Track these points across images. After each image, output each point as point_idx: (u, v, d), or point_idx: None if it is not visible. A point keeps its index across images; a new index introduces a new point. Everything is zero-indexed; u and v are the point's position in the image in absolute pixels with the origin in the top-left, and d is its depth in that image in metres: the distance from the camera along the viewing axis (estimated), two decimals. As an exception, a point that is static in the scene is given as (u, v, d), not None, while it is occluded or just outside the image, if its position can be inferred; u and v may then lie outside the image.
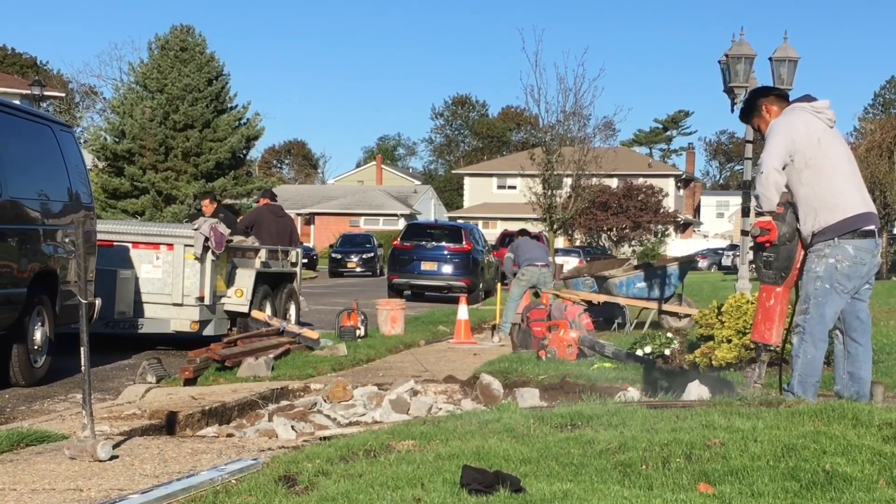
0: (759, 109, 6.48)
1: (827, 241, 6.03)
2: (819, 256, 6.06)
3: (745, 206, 17.03)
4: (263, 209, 15.50)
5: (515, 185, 66.77)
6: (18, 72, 60.39)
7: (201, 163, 40.59)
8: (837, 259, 6.01)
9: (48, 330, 9.86)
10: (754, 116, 6.53)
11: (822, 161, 6.07)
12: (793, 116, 6.20)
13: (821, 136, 6.12)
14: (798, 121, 6.15)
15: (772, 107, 6.42)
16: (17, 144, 9.60)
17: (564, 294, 16.14)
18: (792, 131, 6.10)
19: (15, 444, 5.82)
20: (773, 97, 6.52)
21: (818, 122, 6.17)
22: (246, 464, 5.02)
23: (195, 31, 42.37)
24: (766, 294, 6.34)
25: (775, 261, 6.21)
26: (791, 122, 6.16)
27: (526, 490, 4.10)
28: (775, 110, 6.38)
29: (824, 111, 6.23)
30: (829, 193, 6.05)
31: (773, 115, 6.37)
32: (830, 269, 6.02)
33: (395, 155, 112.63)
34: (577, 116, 30.29)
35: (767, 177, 6.05)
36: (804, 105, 6.25)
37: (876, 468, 4.31)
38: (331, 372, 10.05)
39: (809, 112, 6.20)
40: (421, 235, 27.01)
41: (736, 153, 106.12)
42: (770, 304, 6.31)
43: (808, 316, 6.09)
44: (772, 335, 6.33)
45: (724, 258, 60.33)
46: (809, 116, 6.18)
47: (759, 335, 6.38)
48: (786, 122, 6.18)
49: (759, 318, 6.40)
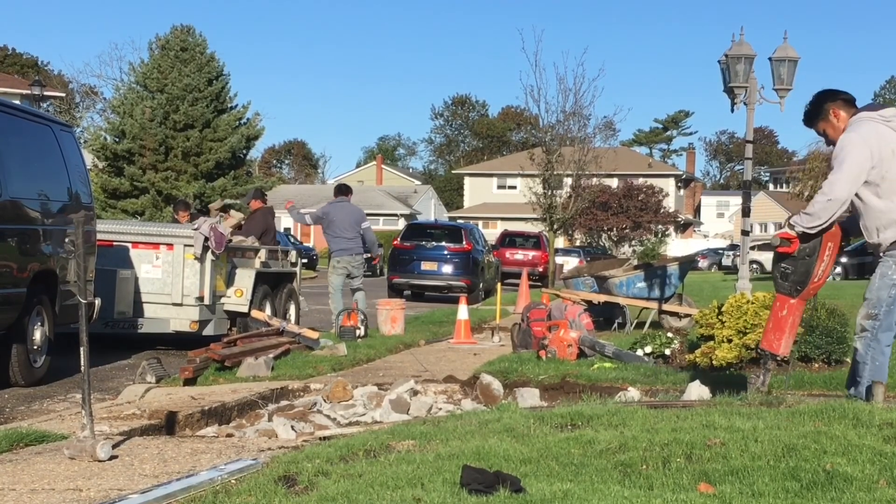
0: (827, 114, 6.24)
1: None
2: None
3: (746, 206, 17.03)
4: (267, 213, 15.43)
5: (515, 185, 66.78)
6: (19, 72, 60.39)
7: (201, 163, 40.57)
8: None
9: (48, 330, 9.85)
10: (820, 121, 6.28)
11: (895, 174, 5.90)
12: (864, 131, 5.98)
13: (894, 148, 5.93)
14: (871, 136, 5.93)
15: (840, 112, 6.20)
16: (17, 144, 9.60)
17: (564, 294, 16.13)
18: (865, 150, 5.88)
19: (14, 444, 5.82)
20: (842, 101, 6.26)
21: (890, 131, 5.98)
22: (246, 464, 5.02)
23: (195, 32, 42.35)
24: (779, 304, 6.29)
25: (792, 273, 6.15)
26: (863, 139, 5.94)
27: (526, 490, 4.09)
28: (843, 116, 6.17)
29: (893, 119, 6.04)
30: None
31: (840, 121, 6.16)
32: None
33: (395, 155, 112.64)
34: (577, 116, 30.24)
35: (835, 205, 5.89)
36: (873, 115, 6.06)
37: (876, 468, 4.30)
38: (331, 372, 10.04)
39: (880, 123, 6.01)
40: (421, 235, 27.01)
41: (736, 153, 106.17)
42: (783, 314, 6.27)
43: (877, 322, 5.91)
44: (780, 345, 6.30)
45: (724, 258, 60.31)
46: (882, 128, 5.98)
47: (768, 344, 6.35)
48: (858, 140, 5.94)
49: (770, 327, 6.36)
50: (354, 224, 14.46)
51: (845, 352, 9.77)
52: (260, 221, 15.13)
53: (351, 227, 14.43)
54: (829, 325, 9.54)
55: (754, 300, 10.01)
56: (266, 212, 15.44)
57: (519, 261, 35.88)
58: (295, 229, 54.87)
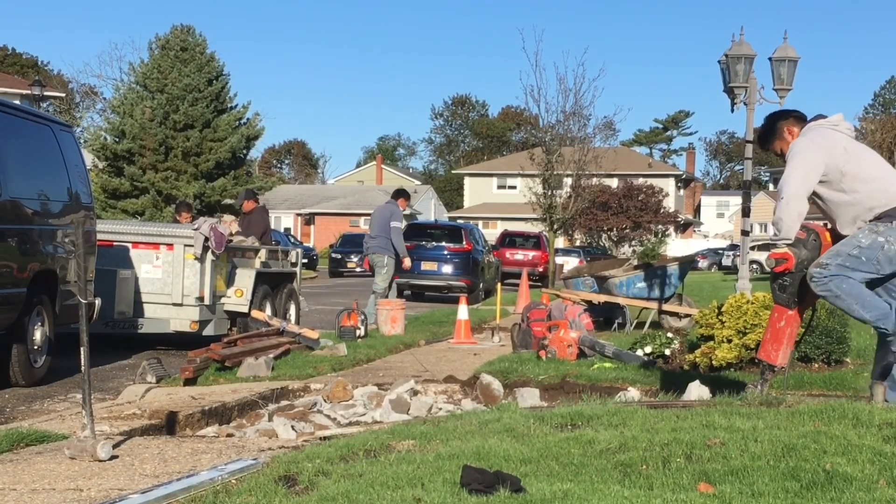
0: (782, 132, 6.30)
1: (886, 222, 5.86)
2: (872, 231, 5.88)
3: (746, 207, 17.04)
4: (262, 211, 15.51)
5: (515, 185, 66.77)
6: (18, 72, 60.39)
7: (201, 163, 40.61)
8: (888, 239, 5.83)
9: (48, 330, 9.85)
10: (776, 140, 6.33)
11: (856, 165, 5.95)
12: (811, 135, 6.07)
13: (845, 145, 6.01)
14: (818, 138, 6.02)
15: (793, 128, 6.25)
16: (17, 144, 9.60)
17: (564, 294, 16.13)
18: (814, 150, 5.95)
19: (15, 443, 5.82)
20: (794, 119, 6.33)
21: (838, 133, 6.06)
22: (246, 464, 5.02)
23: (195, 31, 42.42)
24: (777, 314, 6.29)
25: (790, 285, 6.14)
26: (810, 140, 6.02)
27: (526, 490, 4.10)
28: (796, 131, 6.22)
29: (840, 123, 6.13)
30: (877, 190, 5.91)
31: (794, 137, 6.20)
32: (876, 246, 5.83)
33: (395, 155, 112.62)
34: (577, 116, 30.27)
35: (788, 203, 5.90)
36: (821, 122, 6.14)
37: (876, 468, 4.30)
38: (331, 372, 10.04)
39: (827, 128, 6.09)
40: (421, 235, 26.99)
41: (736, 153, 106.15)
42: (780, 325, 6.26)
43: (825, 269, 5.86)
44: (778, 356, 6.29)
45: (724, 258, 60.33)
46: (827, 131, 6.07)
47: (766, 355, 6.35)
48: (806, 143, 6.03)
49: (768, 338, 6.35)
50: (381, 224, 15.33)
51: (845, 352, 9.78)
52: (260, 221, 15.24)
53: (377, 227, 15.41)
54: (829, 326, 9.55)
55: (754, 300, 10.02)
56: (262, 210, 15.56)
57: (519, 261, 35.88)
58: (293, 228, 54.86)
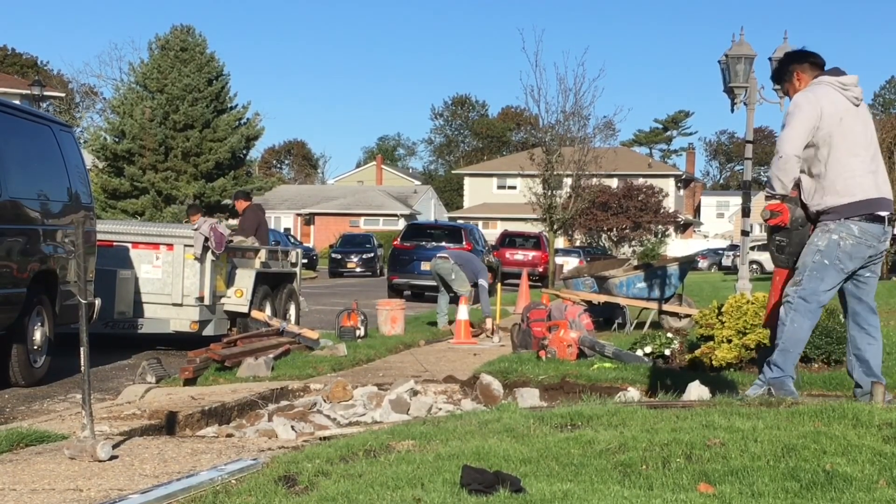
0: (791, 75, 6.25)
1: (834, 219, 5.92)
2: (823, 231, 5.94)
3: (746, 207, 17.04)
4: (256, 209, 15.51)
5: (515, 186, 66.75)
6: (18, 72, 60.36)
7: (201, 163, 40.61)
8: (841, 236, 5.89)
9: (48, 330, 9.86)
10: (785, 82, 6.32)
11: (839, 142, 5.90)
12: (818, 92, 5.98)
13: (843, 116, 5.93)
14: (823, 97, 5.94)
15: (803, 74, 6.19)
16: (17, 144, 9.60)
17: (564, 294, 16.13)
18: (815, 110, 5.89)
19: (15, 444, 5.81)
20: (808, 65, 6.23)
21: (843, 99, 5.97)
22: (246, 464, 5.02)
23: (195, 32, 42.42)
24: (779, 278, 6.26)
25: (788, 245, 6.12)
26: (816, 99, 5.94)
27: (526, 490, 4.09)
28: (805, 79, 6.16)
29: (851, 88, 6.02)
30: (841, 177, 5.90)
31: (802, 84, 6.15)
32: (832, 245, 5.90)
33: (394, 155, 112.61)
34: (577, 116, 30.27)
35: (787, 162, 5.89)
36: (831, 80, 6.03)
37: (876, 468, 4.30)
38: (331, 372, 10.04)
39: (836, 88, 5.99)
40: (421, 235, 27.01)
41: (736, 153, 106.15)
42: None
43: (800, 288, 5.97)
44: None
45: (724, 258, 60.34)
46: (835, 93, 5.97)
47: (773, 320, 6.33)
48: (810, 99, 5.95)
49: (773, 303, 6.31)
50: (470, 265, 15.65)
51: (845, 352, 9.77)
52: (252, 218, 15.27)
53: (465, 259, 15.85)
54: (829, 326, 9.55)
55: (754, 300, 10.02)
56: (255, 208, 15.56)
57: (519, 261, 35.87)
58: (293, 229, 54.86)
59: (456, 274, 15.20)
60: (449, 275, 15.23)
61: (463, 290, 15.06)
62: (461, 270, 15.24)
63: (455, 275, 15.19)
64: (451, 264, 15.31)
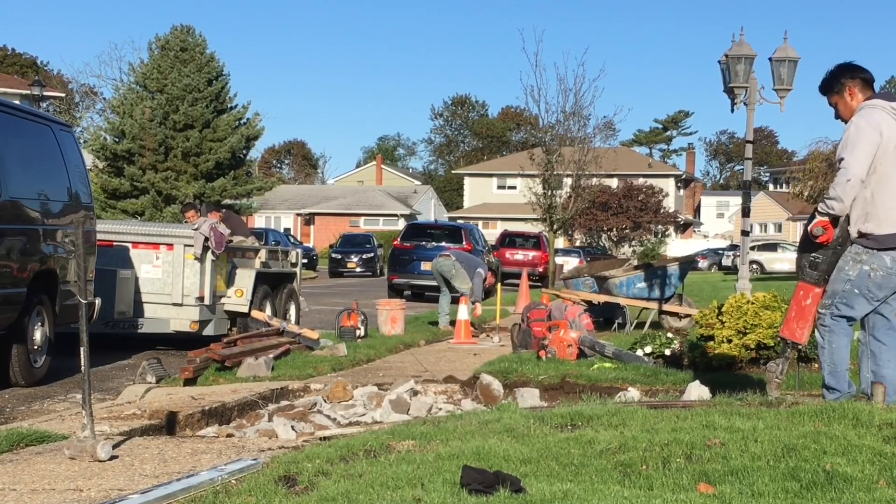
0: (843, 89, 6.27)
1: (867, 249, 5.97)
2: (855, 261, 6.00)
3: (746, 207, 17.03)
4: (233, 217, 15.40)
5: (515, 186, 66.72)
6: (18, 72, 60.34)
7: (201, 163, 40.57)
8: (872, 267, 5.95)
9: (48, 330, 9.86)
10: (835, 93, 6.32)
11: (889, 169, 5.97)
12: (877, 118, 6.05)
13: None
14: (882, 123, 6.01)
15: (855, 90, 6.23)
16: (17, 144, 9.60)
17: (564, 294, 16.14)
18: (876, 134, 5.96)
19: (15, 444, 5.82)
20: (861, 80, 6.28)
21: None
22: (246, 464, 5.02)
23: (195, 32, 42.34)
24: (803, 293, 6.28)
25: (822, 263, 6.16)
26: (877, 124, 6.01)
27: (526, 490, 4.09)
28: (858, 96, 6.21)
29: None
30: (884, 205, 5.96)
31: (854, 100, 6.20)
32: (863, 276, 5.96)
33: (394, 155, 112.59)
34: (577, 116, 30.27)
35: (854, 186, 5.94)
36: (885, 105, 6.10)
37: (876, 468, 4.31)
38: (331, 372, 10.04)
39: (890, 114, 6.07)
40: (421, 235, 27.00)
41: (736, 153, 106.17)
42: (807, 303, 6.26)
43: (832, 311, 6.05)
44: (803, 334, 6.30)
45: (724, 258, 60.29)
46: (891, 120, 6.05)
47: (790, 332, 6.34)
48: (871, 124, 6.02)
49: (793, 316, 6.34)
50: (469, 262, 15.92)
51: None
52: (236, 220, 15.20)
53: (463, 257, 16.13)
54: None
55: (754, 300, 10.02)
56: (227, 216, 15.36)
57: (519, 261, 35.87)
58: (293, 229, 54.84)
59: (457, 271, 15.25)
60: (450, 272, 15.27)
61: (464, 288, 15.08)
62: (462, 268, 15.29)
63: (456, 272, 15.24)
64: (453, 261, 15.37)
